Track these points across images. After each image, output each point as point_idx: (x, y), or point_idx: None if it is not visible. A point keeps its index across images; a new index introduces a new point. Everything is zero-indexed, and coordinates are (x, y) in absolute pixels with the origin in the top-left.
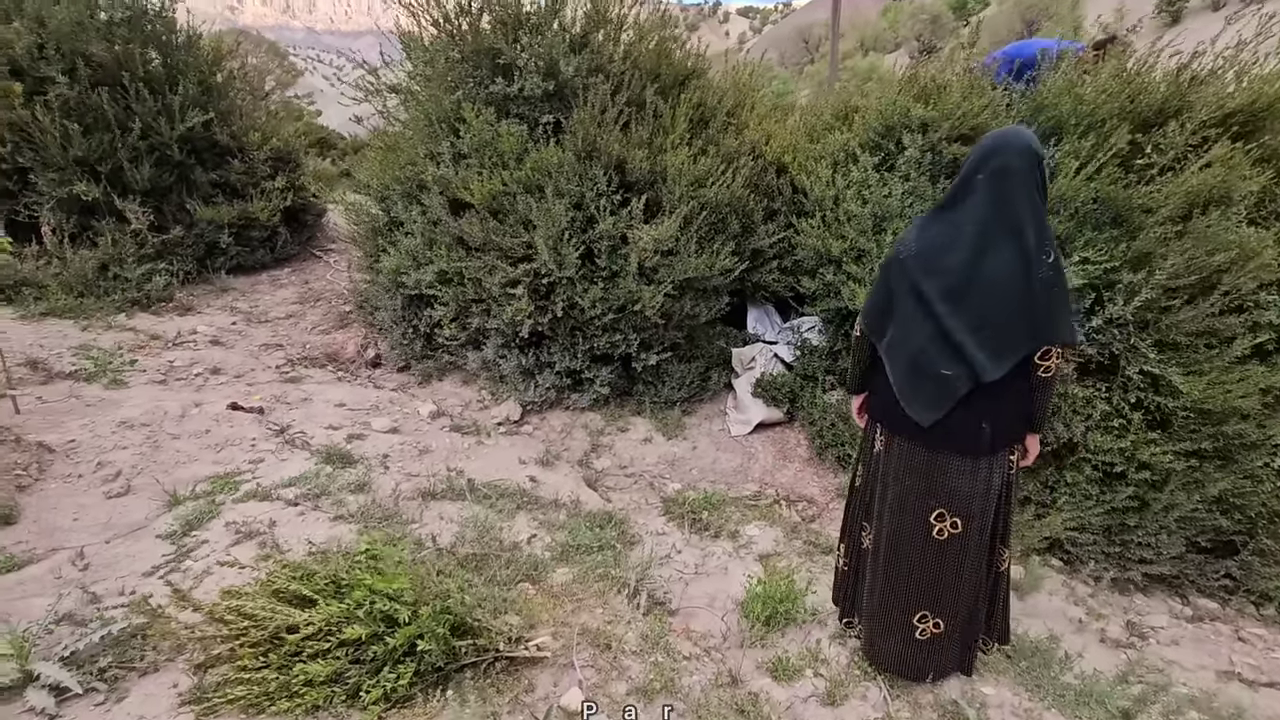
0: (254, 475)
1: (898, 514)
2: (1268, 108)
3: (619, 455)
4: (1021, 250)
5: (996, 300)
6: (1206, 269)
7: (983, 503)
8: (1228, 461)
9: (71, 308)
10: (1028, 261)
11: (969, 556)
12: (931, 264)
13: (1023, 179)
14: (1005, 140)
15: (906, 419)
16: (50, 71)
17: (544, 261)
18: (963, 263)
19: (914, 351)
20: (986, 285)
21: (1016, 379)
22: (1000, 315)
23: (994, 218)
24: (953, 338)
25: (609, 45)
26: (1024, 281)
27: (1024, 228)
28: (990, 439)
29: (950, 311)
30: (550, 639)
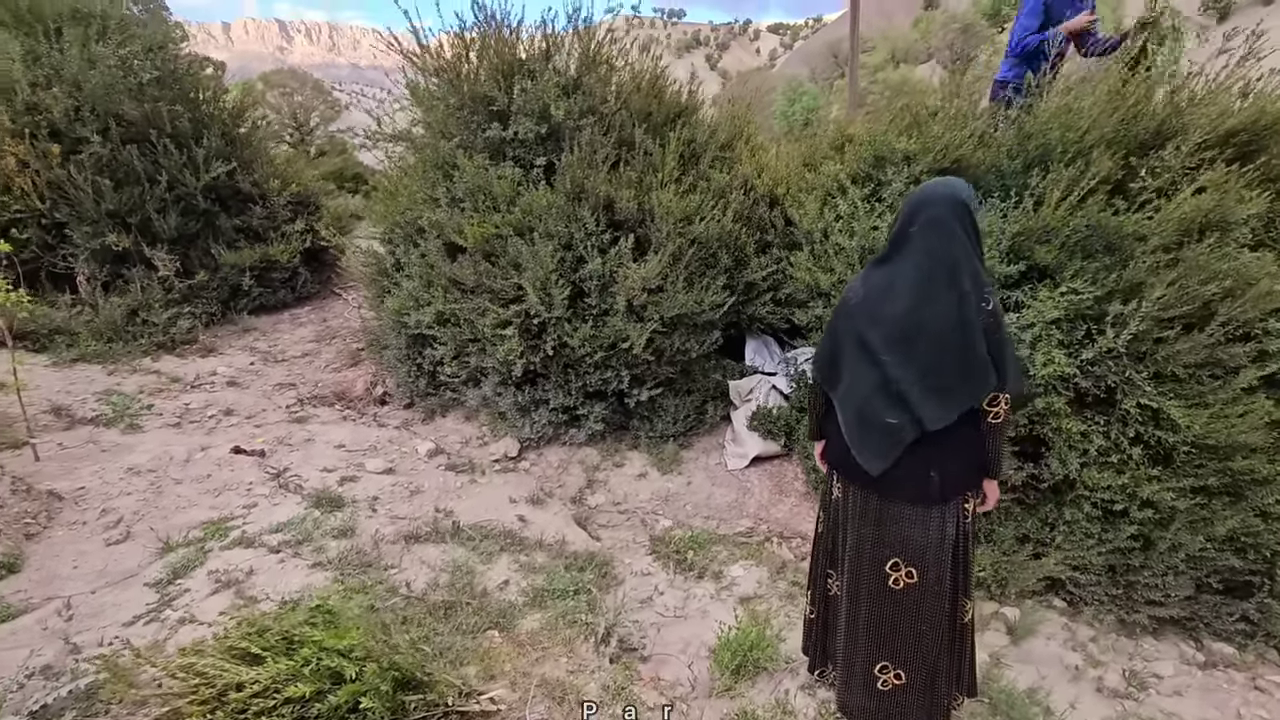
0: (245, 521)
1: (855, 561)
2: (1270, 126)
3: (613, 491)
4: (959, 299)
5: (938, 349)
6: (1199, 298)
7: (937, 553)
8: (1237, 498)
9: (100, 353)
10: (965, 309)
11: (926, 607)
12: (875, 313)
13: (953, 229)
14: (933, 193)
15: (859, 467)
16: (85, 132)
17: (533, 303)
18: (904, 311)
19: (860, 400)
20: (928, 335)
21: (963, 427)
22: (943, 364)
23: (930, 268)
24: (897, 387)
25: (600, 87)
26: (963, 330)
27: (960, 276)
28: (940, 487)
29: (894, 361)
30: (507, 691)
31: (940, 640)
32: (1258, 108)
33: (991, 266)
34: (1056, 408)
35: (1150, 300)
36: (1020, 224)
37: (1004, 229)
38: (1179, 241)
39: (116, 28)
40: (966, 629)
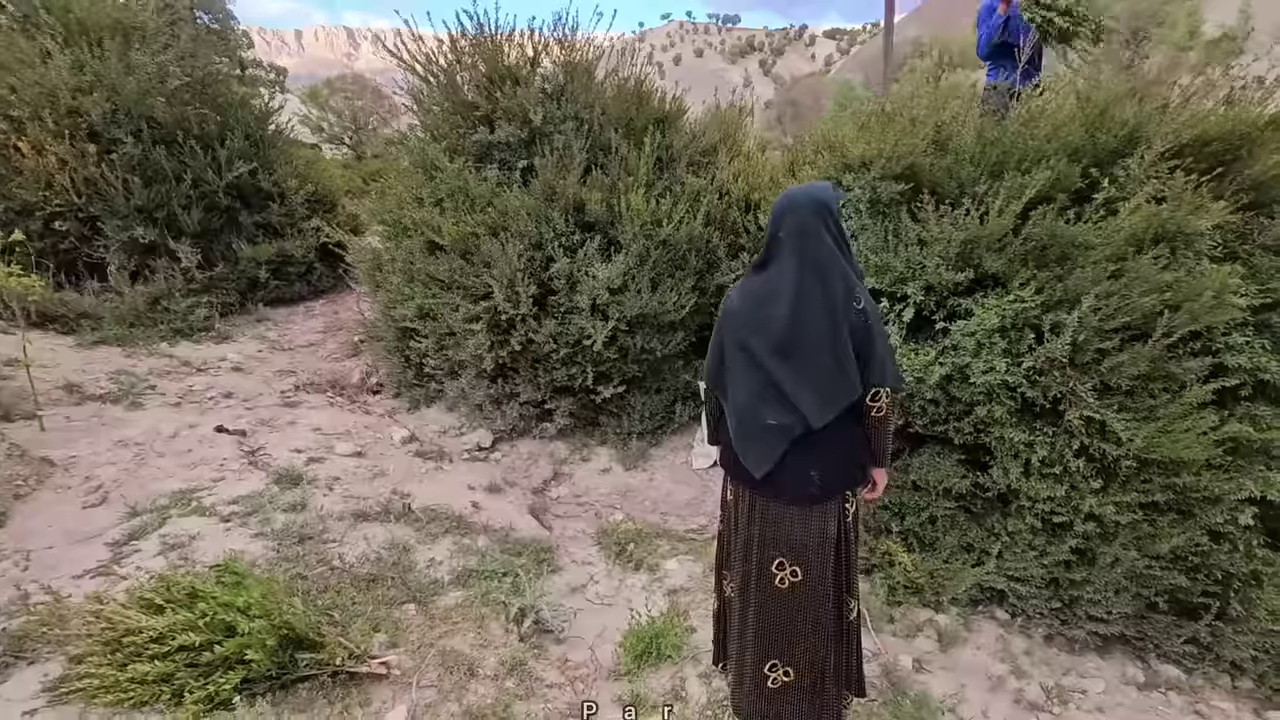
0: (209, 493)
1: (745, 562)
2: (1244, 137)
3: (576, 484)
4: (830, 300)
5: (816, 350)
6: (1139, 310)
7: (819, 552)
8: (1185, 516)
9: (121, 337)
10: (835, 310)
11: (812, 605)
12: (754, 320)
13: (819, 232)
14: (796, 198)
15: (738, 466)
16: (120, 134)
17: (500, 299)
18: (782, 316)
19: (743, 406)
20: (806, 337)
21: (842, 426)
22: (820, 364)
23: (802, 272)
24: (782, 389)
25: (582, 94)
26: (835, 330)
27: (829, 277)
28: (820, 486)
29: (776, 365)
30: (406, 658)
31: (827, 638)
32: (1230, 117)
33: (939, 273)
34: (998, 416)
35: (1082, 309)
36: (969, 232)
37: (953, 236)
38: (1139, 251)
39: (152, 36)
40: (853, 627)
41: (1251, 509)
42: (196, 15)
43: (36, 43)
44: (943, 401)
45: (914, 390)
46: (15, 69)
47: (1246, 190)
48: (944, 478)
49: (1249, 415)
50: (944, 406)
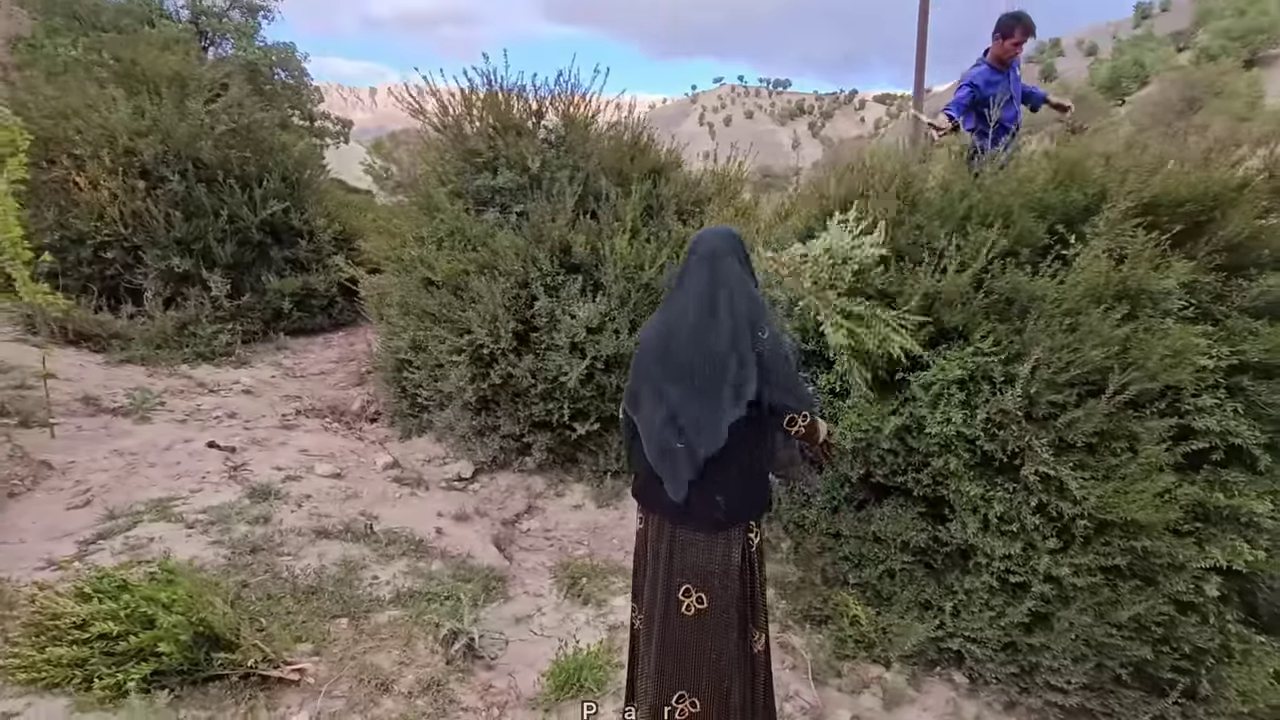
0: (184, 502)
1: (653, 590)
2: (1216, 198)
3: (548, 518)
4: (734, 320)
5: (715, 376)
6: (1089, 364)
7: (723, 579)
8: (1148, 583)
9: (147, 357)
10: (738, 335)
11: (717, 633)
12: (663, 348)
13: (728, 258)
14: (709, 230)
15: (655, 495)
16: (167, 173)
17: (480, 334)
18: (686, 344)
19: (656, 432)
20: (706, 363)
21: (746, 452)
22: (717, 390)
23: (709, 298)
24: (681, 417)
25: (580, 144)
26: (737, 356)
27: (735, 296)
28: (725, 512)
29: (677, 391)
30: (324, 668)
31: (732, 669)
32: (1201, 178)
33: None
34: (954, 468)
35: (1029, 362)
36: (928, 285)
37: (914, 289)
38: (1085, 306)
39: (205, 87)
40: (759, 660)
41: (1218, 579)
42: (275, 72)
43: (105, 91)
44: (901, 452)
45: (872, 440)
46: (84, 113)
47: (1220, 251)
48: (903, 530)
49: (1219, 480)
50: (903, 457)
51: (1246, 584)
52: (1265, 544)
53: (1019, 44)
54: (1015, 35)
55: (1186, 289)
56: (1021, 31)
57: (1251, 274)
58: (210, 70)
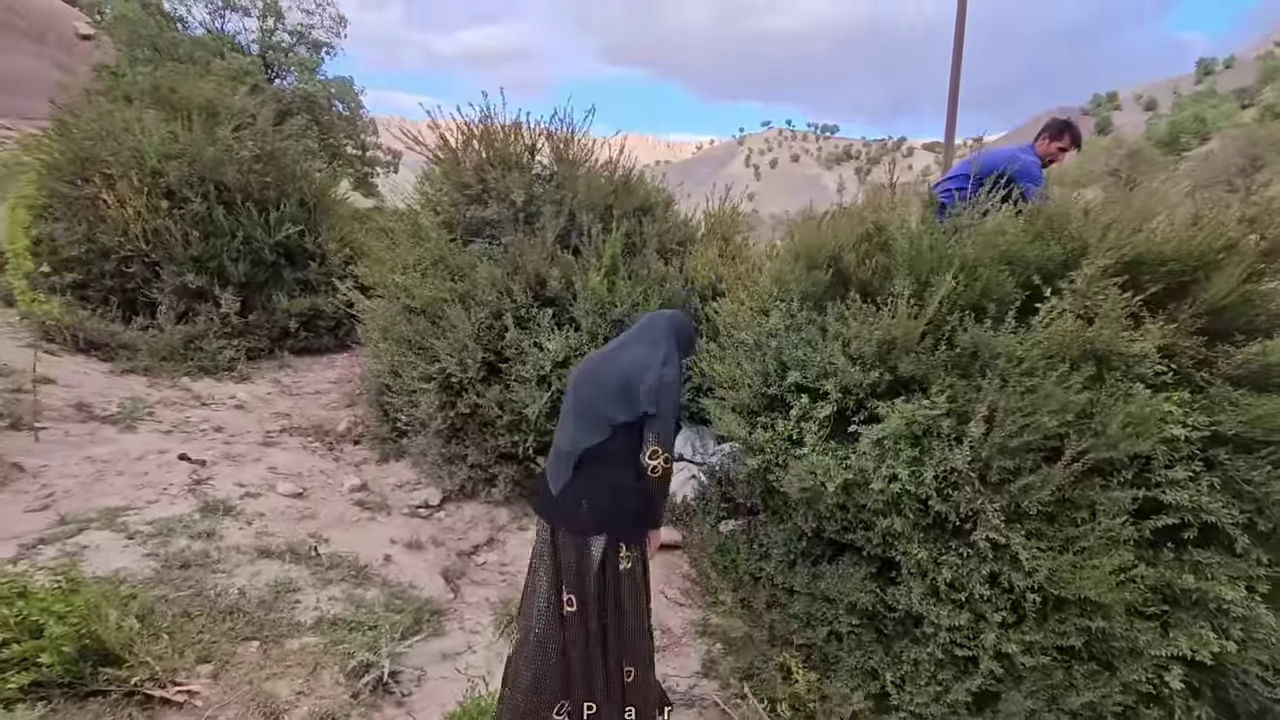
0: (137, 512)
1: (534, 594)
2: (1199, 259)
3: (507, 552)
4: (648, 355)
5: (600, 386)
6: (1041, 429)
7: (585, 580)
8: (1106, 668)
9: (150, 368)
10: (645, 367)
11: (583, 639)
12: (575, 379)
13: (663, 322)
14: (661, 311)
15: (542, 497)
16: (190, 194)
17: (449, 362)
18: (597, 362)
19: (555, 439)
20: (602, 376)
21: (612, 466)
22: (597, 397)
23: (636, 334)
24: (565, 419)
25: (569, 181)
26: (626, 379)
27: (658, 341)
28: (588, 516)
29: (571, 401)
30: (218, 692)
31: (597, 688)
32: (1182, 237)
33: (849, 371)
34: (900, 529)
35: (975, 420)
36: (884, 331)
37: (870, 335)
38: (1041, 367)
39: (236, 115)
40: (630, 691)
41: (1184, 670)
42: (333, 104)
43: (138, 115)
44: (851, 508)
45: (819, 493)
46: (119, 136)
47: (1203, 315)
48: (850, 590)
49: (1189, 561)
50: (852, 513)
51: (1221, 677)
52: (1238, 634)
53: (1064, 150)
54: (1063, 140)
55: (1165, 353)
56: (1069, 139)
57: (1238, 340)
58: (243, 100)
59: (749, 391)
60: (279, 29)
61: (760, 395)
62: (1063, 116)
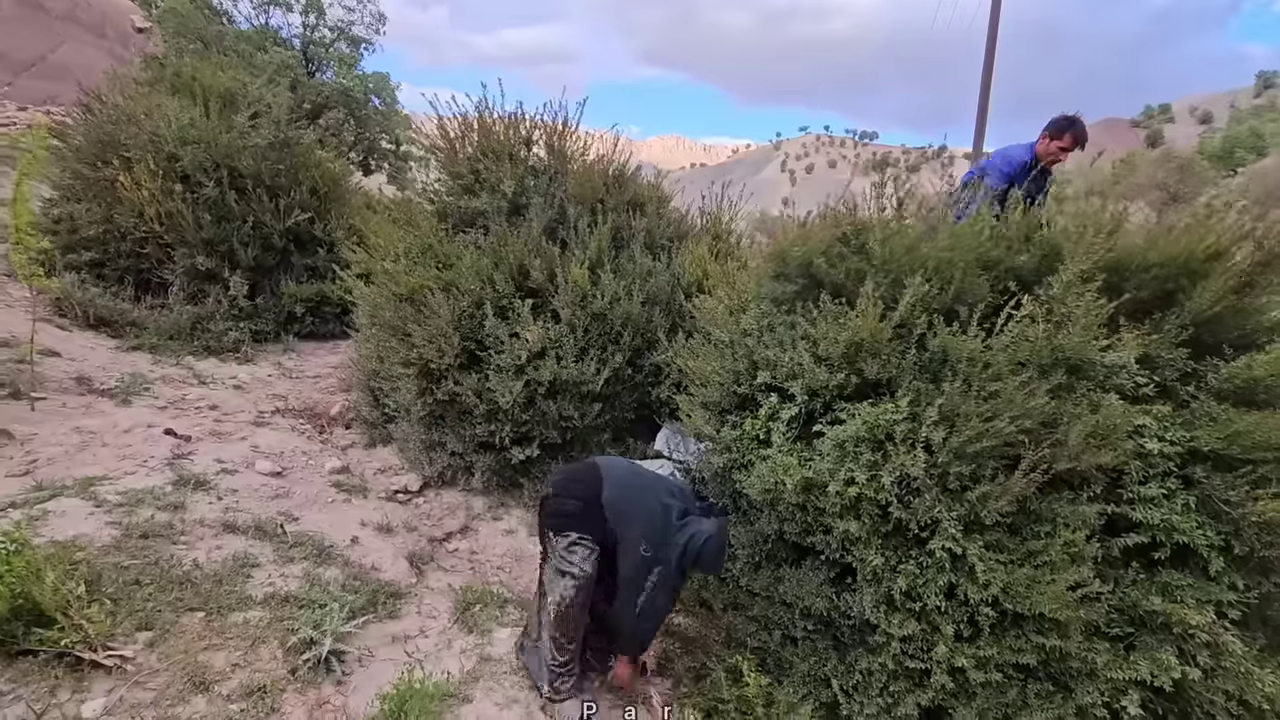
0: (113, 482)
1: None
2: (1182, 267)
3: (479, 540)
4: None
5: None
6: (999, 436)
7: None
8: (1063, 689)
9: (156, 346)
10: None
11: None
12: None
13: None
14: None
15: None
16: (204, 179)
17: (427, 349)
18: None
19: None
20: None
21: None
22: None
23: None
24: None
25: (558, 173)
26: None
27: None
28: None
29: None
30: (154, 660)
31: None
32: (1170, 242)
33: (814, 372)
34: (856, 534)
35: (925, 424)
36: (850, 333)
37: (837, 336)
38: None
39: (253, 102)
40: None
41: (1143, 695)
42: (371, 99)
43: (156, 100)
44: (810, 510)
45: (779, 495)
46: (139, 121)
47: (1188, 326)
48: (806, 594)
49: (1158, 581)
50: (812, 515)
51: (1187, 706)
52: (1205, 661)
53: (1065, 149)
54: (1064, 140)
55: (1147, 365)
56: (1071, 138)
57: (1226, 353)
58: (262, 89)
59: (720, 389)
60: (320, 25)
61: (731, 394)
62: (1071, 114)
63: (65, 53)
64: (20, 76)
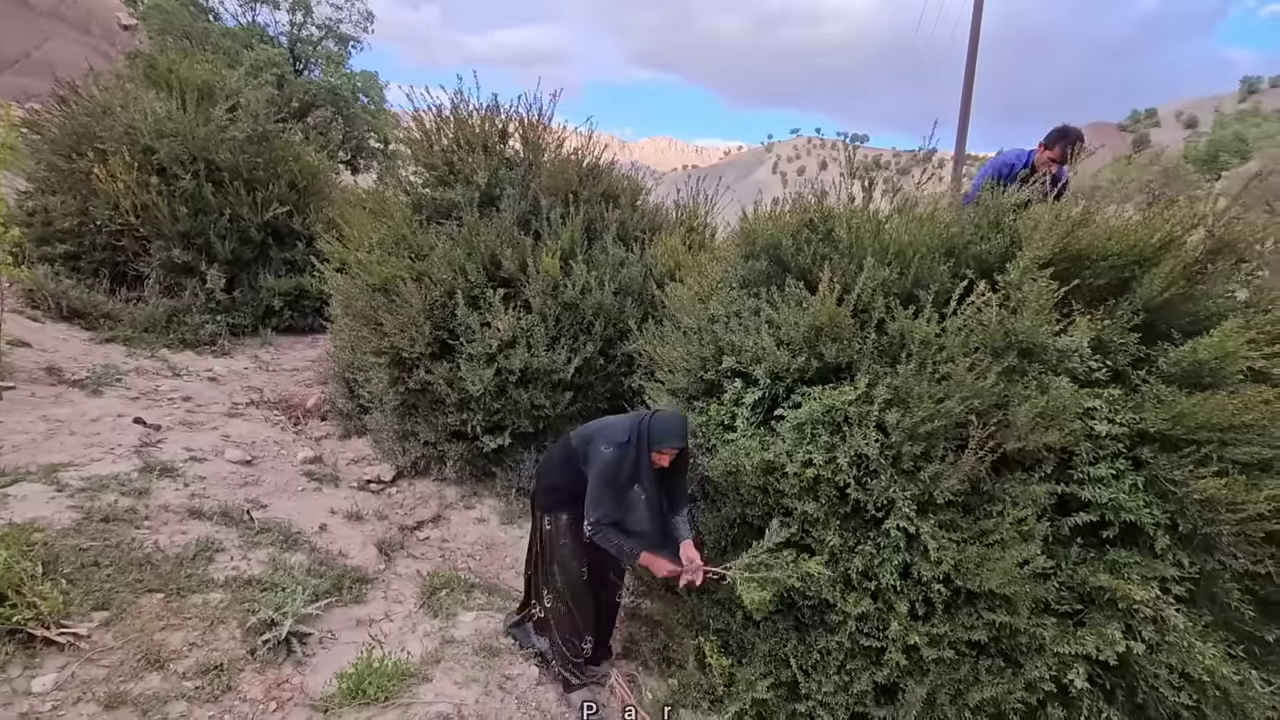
0: (78, 468)
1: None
2: (1136, 255)
3: (451, 529)
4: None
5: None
6: (950, 416)
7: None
8: (1011, 664)
9: (130, 338)
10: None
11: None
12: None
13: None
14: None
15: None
16: (181, 172)
17: (398, 338)
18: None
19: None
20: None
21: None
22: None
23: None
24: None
25: (534, 167)
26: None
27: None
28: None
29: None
30: (110, 639)
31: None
32: (1123, 231)
33: (777, 356)
34: (814, 514)
35: (875, 405)
36: (811, 317)
37: (799, 320)
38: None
39: (230, 95)
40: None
41: (1090, 669)
42: (359, 98)
43: (132, 93)
44: (771, 491)
45: (740, 478)
46: (115, 113)
47: (1141, 311)
48: None
49: (1106, 559)
50: (772, 497)
51: (1133, 680)
52: (1150, 636)
53: (1054, 160)
54: (1054, 151)
55: (1100, 350)
56: (1060, 150)
57: (1176, 339)
58: (240, 81)
59: (686, 376)
60: (308, 23)
61: (698, 379)
62: (1073, 126)
63: (50, 49)
64: (4, 73)
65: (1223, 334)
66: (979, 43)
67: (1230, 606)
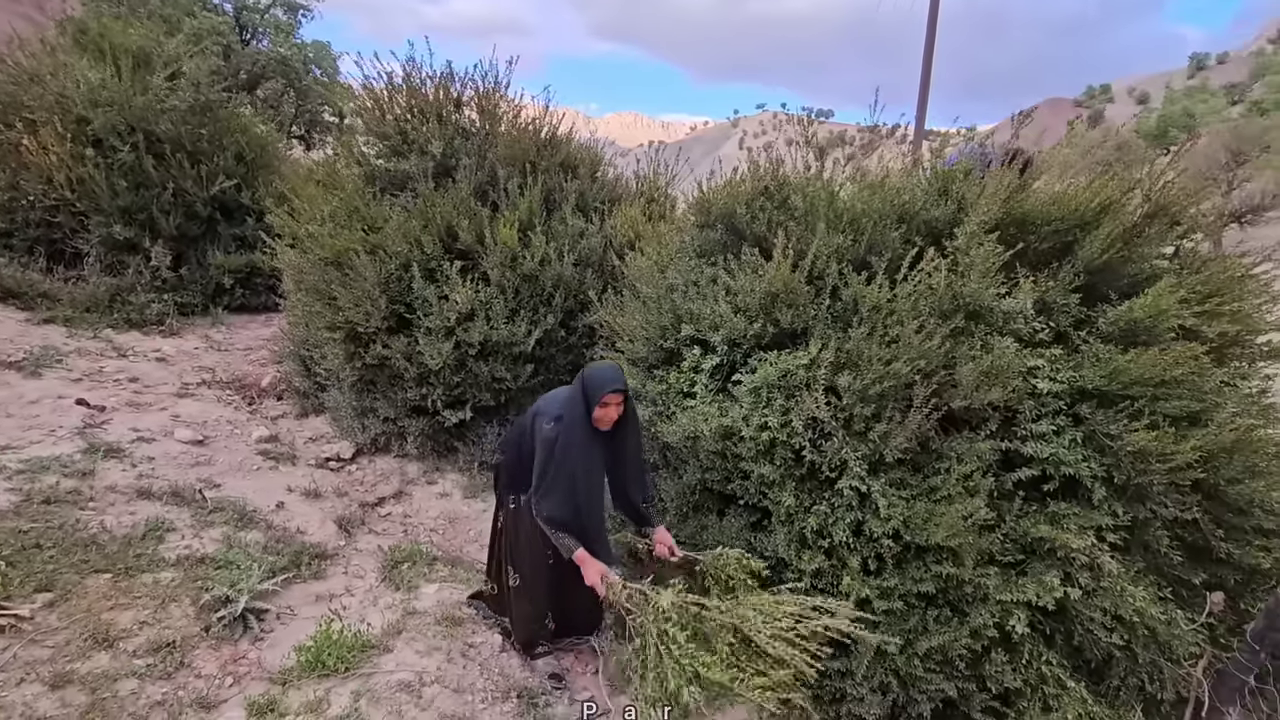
0: (17, 451)
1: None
2: (1079, 217)
3: (413, 504)
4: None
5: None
6: (898, 377)
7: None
8: (957, 613)
9: (71, 319)
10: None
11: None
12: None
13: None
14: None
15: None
16: (117, 143)
17: (354, 313)
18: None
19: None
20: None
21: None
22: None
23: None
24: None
25: (491, 137)
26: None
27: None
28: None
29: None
30: (55, 619)
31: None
32: (1063, 197)
33: (733, 322)
34: (770, 477)
35: (822, 367)
36: (766, 284)
37: (754, 286)
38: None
39: (169, 63)
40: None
41: (1031, 615)
42: (310, 69)
43: (62, 59)
44: (729, 456)
45: (698, 442)
46: (44, 81)
47: (1081, 273)
48: (725, 540)
49: (1046, 512)
50: (731, 462)
51: (1071, 624)
52: (1086, 582)
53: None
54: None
55: (1044, 312)
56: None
57: (1114, 300)
58: (178, 47)
59: (646, 345)
60: None
61: (658, 348)
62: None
63: None
64: None
65: (1155, 293)
66: (938, 19)
67: (1160, 552)
